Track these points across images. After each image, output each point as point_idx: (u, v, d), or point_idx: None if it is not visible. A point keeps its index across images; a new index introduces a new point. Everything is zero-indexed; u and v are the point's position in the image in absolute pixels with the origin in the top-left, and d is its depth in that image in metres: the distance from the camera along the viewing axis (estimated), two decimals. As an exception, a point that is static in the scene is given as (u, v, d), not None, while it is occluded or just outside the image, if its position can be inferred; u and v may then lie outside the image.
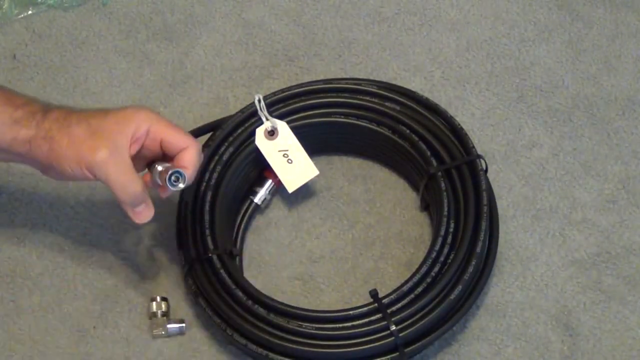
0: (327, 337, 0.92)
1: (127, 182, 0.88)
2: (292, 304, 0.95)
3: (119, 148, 0.88)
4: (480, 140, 1.10)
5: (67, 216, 1.06)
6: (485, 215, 0.97)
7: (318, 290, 1.02)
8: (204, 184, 1.00)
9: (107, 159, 0.87)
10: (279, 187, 1.06)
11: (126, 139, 0.88)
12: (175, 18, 1.20)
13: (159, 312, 0.99)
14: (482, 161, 1.00)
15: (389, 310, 0.93)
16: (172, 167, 0.90)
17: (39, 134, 0.88)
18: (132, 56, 1.17)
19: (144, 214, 0.91)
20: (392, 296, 0.94)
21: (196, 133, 1.04)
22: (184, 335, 1.00)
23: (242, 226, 1.04)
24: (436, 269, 0.95)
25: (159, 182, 0.91)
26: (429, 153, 1.01)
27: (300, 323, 0.93)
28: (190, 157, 0.90)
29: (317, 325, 0.92)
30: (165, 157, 0.92)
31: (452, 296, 0.93)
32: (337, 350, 0.92)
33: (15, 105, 0.89)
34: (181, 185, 0.89)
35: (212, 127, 1.04)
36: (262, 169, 1.06)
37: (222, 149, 1.02)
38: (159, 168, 0.91)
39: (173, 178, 0.89)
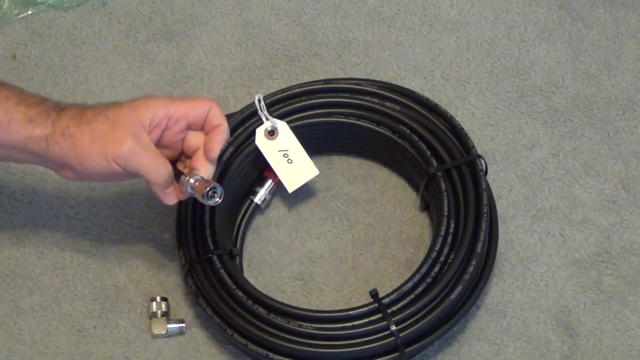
0: (327, 337, 0.92)
1: (159, 166, 0.89)
2: (292, 304, 0.95)
3: (142, 136, 0.89)
4: (480, 140, 1.10)
5: (67, 216, 1.06)
6: (485, 215, 0.97)
7: (318, 290, 1.02)
8: (204, 184, 1.00)
9: (135, 148, 0.88)
10: (279, 187, 1.06)
11: (145, 126, 0.89)
12: (175, 18, 1.20)
13: (159, 312, 0.99)
14: (482, 161, 1.00)
15: (389, 310, 0.93)
16: (205, 182, 0.90)
17: (56, 131, 0.88)
18: (132, 56, 1.17)
19: (174, 194, 0.91)
20: (392, 296, 0.94)
21: None
22: (184, 335, 1.00)
23: (242, 226, 1.04)
24: (436, 269, 0.95)
25: (192, 194, 0.91)
26: (429, 153, 1.01)
27: (300, 323, 0.92)
28: (217, 114, 0.92)
29: (317, 325, 0.92)
30: (188, 135, 0.93)
31: (453, 296, 0.93)
32: (337, 350, 0.92)
33: (28, 104, 0.89)
34: (217, 200, 0.90)
35: None
36: (262, 169, 1.06)
37: (222, 148, 1.02)
38: (191, 180, 0.90)
39: (210, 193, 0.90)
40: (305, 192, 1.07)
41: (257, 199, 1.05)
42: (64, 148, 0.88)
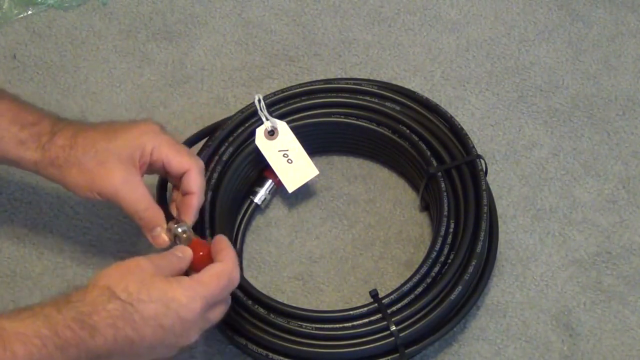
0: (327, 337, 0.92)
1: (143, 208, 0.89)
2: (292, 304, 0.95)
3: (131, 174, 0.88)
4: (480, 140, 1.10)
5: (67, 216, 1.06)
6: (485, 215, 0.97)
7: (318, 290, 1.02)
8: (204, 184, 1.00)
9: (121, 186, 0.88)
10: (279, 187, 1.06)
11: (135, 164, 0.89)
12: (175, 18, 1.20)
13: (159, 312, 0.99)
14: (482, 161, 1.00)
15: (389, 311, 0.93)
16: (191, 235, 0.89)
17: (45, 159, 0.88)
18: (132, 56, 1.17)
19: (161, 238, 0.90)
20: (392, 296, 0.94)
21: (192, 140, 1.04)
22: (184, 335, 0.99)
23: (242, 226, 1.04)
24: (436, 269, 0.95)
25: (178, 243, 0.90)
26: (429, 153, 1.01)
27: (300, 323, 0.92)
28: (193, 180, 0.91)
29: (317, 325, 0.92)
30: (169, 176, 0.93)
31: (453, 296, 0.93)
32: (337, 350, 0.92)
33: (21, 125, 0.89)
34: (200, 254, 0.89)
35: (207, 132, 1.04)
36: (262, 169, 1.06)
37: (222, 149, 1.02)
38: (179, 230, 0.90)
39: None
40: (305, 192, 1.07)
41: (257, 199, 1.05)
42: (52, 175, 0.89)
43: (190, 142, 1.03)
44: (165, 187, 0.98)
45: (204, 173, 0.93)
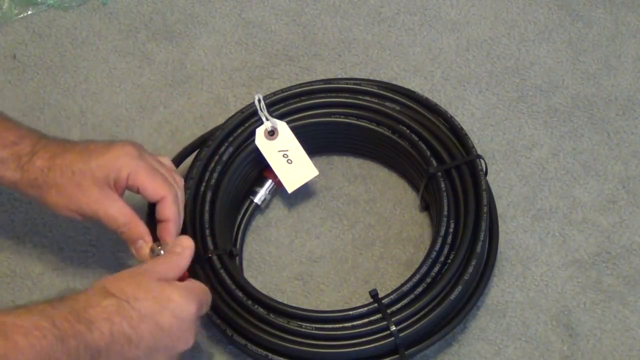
0: (327, 337, 0.92)
1: (122, 223, 0.90)
2: (292, 304, 0.95)
3: (106, 192, 0.89)
4: (480, 140, 1.10)
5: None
6: (485, 215, 0.97)
7: (318, 290, 1.02)
8: (204, 184, 1.00)
9: (98, 205, 0.89)
10: (279, 187, 1.06)
11: (110, 185, 0.89)
12: (175, 18, 1.20)
13: (159, 312, 0.99)
14: (482, 161, 1.00)
15: (389, 311, 0.93)
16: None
17: (24, 180, 0.89)
18: (132, 56, 1.17)
19: (144, 250, 0.91)
20: (392, 296, 0.94)
21: (181, 157, 1.03)
22: (184, 335, 0.99)
23: (242, 226, 1.04)
24: (436, 269, 0.95)
25: None
26: (429, 153, 1.01)
27: (300, 323, 0.92)
28: (168, 208, 0.91)
29: (317, 325, 0.92)
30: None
31: (452, 296, 0.93)
32: (337, 351, 0.92)
33: (2, 144, 0.90)
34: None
35: (196, 146, 1.04)
36: (262, 169, 1.06)
37: (222, 149, 1.02)
38: (162, 252, 0.90)
39: None
40: (305, 192, 1.07)
41: (257, 199, 1.05)
42: (32, 195, 0.90)
43: (179, 159, 1.03)
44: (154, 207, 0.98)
45: (178, 200, 0.93)
